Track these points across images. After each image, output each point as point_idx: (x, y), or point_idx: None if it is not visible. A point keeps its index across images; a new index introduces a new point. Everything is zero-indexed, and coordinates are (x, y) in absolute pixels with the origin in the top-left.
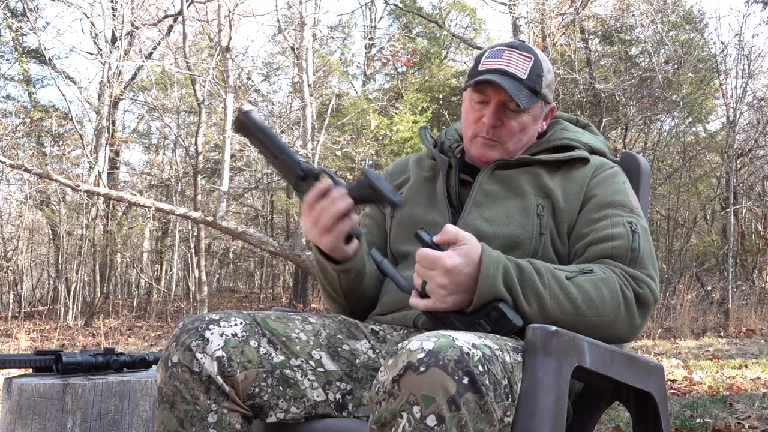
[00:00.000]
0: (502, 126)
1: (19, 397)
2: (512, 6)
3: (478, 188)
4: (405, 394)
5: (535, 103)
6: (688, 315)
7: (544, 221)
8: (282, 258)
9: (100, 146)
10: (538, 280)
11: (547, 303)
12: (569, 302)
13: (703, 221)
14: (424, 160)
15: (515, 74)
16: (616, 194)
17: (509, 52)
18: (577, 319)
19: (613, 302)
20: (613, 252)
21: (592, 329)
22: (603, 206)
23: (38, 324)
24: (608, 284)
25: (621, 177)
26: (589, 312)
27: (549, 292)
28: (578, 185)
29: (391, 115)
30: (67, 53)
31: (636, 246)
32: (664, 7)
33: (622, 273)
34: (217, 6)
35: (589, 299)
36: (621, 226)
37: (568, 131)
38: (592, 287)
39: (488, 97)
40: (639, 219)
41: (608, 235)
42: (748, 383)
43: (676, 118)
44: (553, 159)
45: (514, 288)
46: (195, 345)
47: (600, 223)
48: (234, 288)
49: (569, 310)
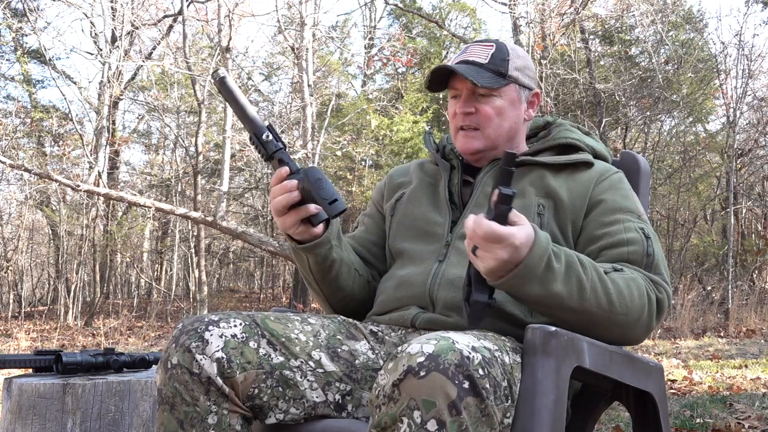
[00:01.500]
0: (476, 113)
1: (19, 397)
2: (512, 6)
3: (480, 189)
4: (405, 398)
5: (503, 85)
6: (688, 315)
7: (545, 220)
8: (282, 258)
9: (100, 146)
10: (582, 272)
11: (587, 293)
12: (605, 296)
13: (703, 221)
14: (428, 165)
15: (475, 61)
16: (625, 200)
17: (472, 46)
18: (607, 315)
19: (641, 303)
20: (630, 257)
21: (617, 327)
22: (614, 210)
23: (38, 324)
24: (638, 285)
25: (626, 183)
26: (620, 309)
27: (590, 283)
28: (583, 186)
29: (391, 115)
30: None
31: (651, 252)
32: (664, 7)
33: (644, 277)
34: (217, 6)
35: (622, 297)
36: (634, 231)
37: (572, 132)
38: (625, 285)
39: (459, 90)
40: (647, 225)
41: (623, 240)
42: (748, 383)
43: (676, 118)
44: (558, 162)
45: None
46: (194, 346)
47: (613, 227)
48: (234, 288)
49: (604, 305)
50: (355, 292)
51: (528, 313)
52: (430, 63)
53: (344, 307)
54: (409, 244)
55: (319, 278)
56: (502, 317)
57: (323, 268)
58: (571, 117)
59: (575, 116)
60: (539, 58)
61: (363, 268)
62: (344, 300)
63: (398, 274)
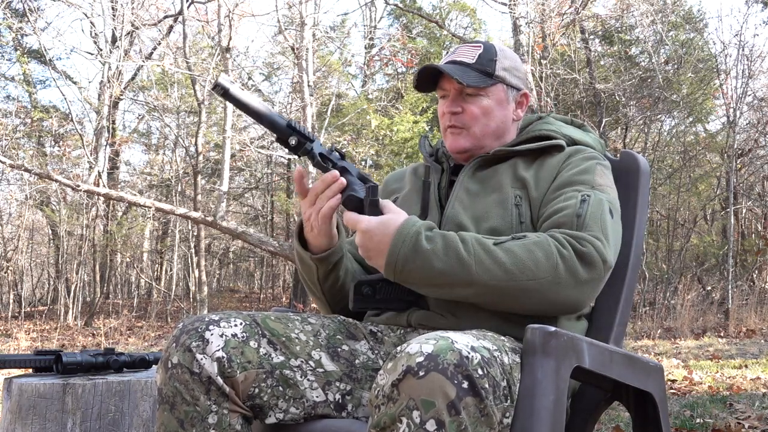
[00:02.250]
0: (464, 112)
1: (19, 397)
2: (512, 6)
3: (460, 185)
4: (404, 398)
5: (490, 84)
6: (688, 315)
7: (523, 210)
8: (282, 258)
9: (100, 146)
10: (462, 247)
11: (472, 268)
12: (497, 266)
13: (703, 221)
14: (421, 169)
15: (462, 61)
16: (580, 174)
17: (461, 47)
18: (510, 284)
19: (549, 263)
20: (558, 221)
21: (532, 294)
22: (561, 186)
23: (38, 324)
24: (541, 246)
25: (593, 161)
26: (522, 276)
27: (474, 258)
28: (550, 172)
29: (391, 115)
30: (67, 54)
31: (581, 212)
32: (664, 7)
33: (562, 234)
34: (217, 6)
35: (520, 262)
36: (572, 198)
37: (550, 124)
38: (523, 250)
39: (447, 90)
40: (598, 193)
41: (557, 209)
42: (748, 383)
43: (676, 118)
44: (527, 148)
45: (427, 250)
46: (195, 346)
47: (553, 201)
48: (234, 288)
49: (499, 275)
50: None
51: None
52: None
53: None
54: None
55: (326, 288)
56: (501, 317)
57: (332, 276)
58: (570, 117)
59: (575, 116)
60: (539, 58)
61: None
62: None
63: None
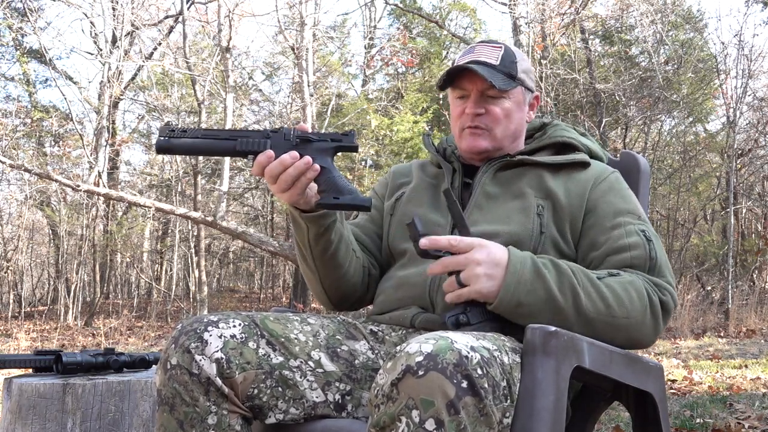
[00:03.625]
0: (486, 113)
1: (19, 397)
2: (512, 6)
3: (479, 189)
4: (404, 398)
5: (513, 87)
6: (688, 315)
7: (545, 221)
8: (282, 258)
9: (100, 146)
10: (573, 276)
11: (582, 299)
12: (602, 301)
13: (703, 221)
14: (428, 166)
15: (487, 62)
16: (624, 202)
17: (480, 46)
18: (608, 320)
19: (641, 305)
20: (633, 262)
21: (621, 331)
22: (615, 214)
23: (38, 324)
24: (636, 287)
25: (623, 183)
26: (620, 312)
27: (583, 288)
28: (581, 186)
29: (391, 115)
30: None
31: (654, 255)
32: (664, 7)
33: (645, 280)
34: (217, 6)
35: (620, 300)
36: (635, 234)
37: (568, 131)
38: (622, 289)
39: (467, 91)
40: (648, 226)
41: (625, 245)
42: (748, 383)
43: (676, 118)
44: (555, 162)
45: (547, 277)
46: (194, 347)
47: (615, 232)
48: (234, 288)
49: (602, 309)
50: (350, 274)
51: None
52: (430, 63)
53: (336, 290)
54: (409, 245)
55: (316, 253)
56: (501, 317)
57: (323, 240)
58: (571, 117)
59: (575, 116)
60: (539, 58)
61: (360, 252)
62: (338, 282)
63: (398, 275)
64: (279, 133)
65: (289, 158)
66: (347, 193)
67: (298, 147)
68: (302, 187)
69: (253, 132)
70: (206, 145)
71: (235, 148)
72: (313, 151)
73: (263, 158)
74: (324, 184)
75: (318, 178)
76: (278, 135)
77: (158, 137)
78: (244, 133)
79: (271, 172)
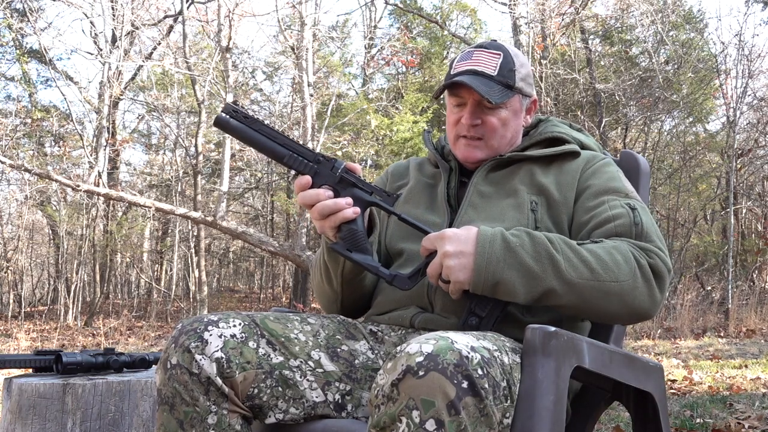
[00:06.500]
0: (482, 124)
1: (19, 397)
2: (512, 6)
3: (473, 189)
4: (404, 398)
5: (511, 97)
6: (688, 315)
7: (539, 216)
8: (282, 258)
9: (100, 146)
10: (549, 244)
11: (561, 265)
12: (584, 265)
13: (703, 221)
14: (426, 165)
15: (485, 72)
16: (611, 181)
17: (478, 52)
18: (594, 284)
19: (629, 267)
20: (617, 230)
21: (613, 297)
22: (599, 193)
23: (38, 324)
24: (620, 251)
25: (613, 166)
26: (606, 276)
27: (562, 255)
28: (571, 176)
29: (391, 115)
30: (68, 54)
31: (638, 221)
32: (664, 7)
33: (631, 244)
34: (217, 6)
35: (604, 263)
36: (619, 207)
37: (558, 126)
38: (605, 252)
39: (464, 99)
40: (636, 201)
41: (609, 217)
42: (748, 383)
43: (676, 118)
44: (544, 154)
45: (518, 249)
46: (194, 346)
47: (598, 209)
48: (234, 288)
49: (585, 274)
50: (369, 291)
51: (527, 312)
52: (430, 63)
53: (353, 304)
54: (407, 245)
55: (347, 279)
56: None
57: (357, 270)
58: (571, 117)
59: (575, 116)
60: (539, 58)
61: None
62: (358, 300)
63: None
64: (328, 163)
65: (324, 194)
66: (362, 252)
67: (338, 184)
68: (333, 223)
69: (306, 151)
70: (260, 141)
71: (283, 159)
72: (350, 194)
73: (302, 181)
74: (345, 231)
75: (343, 224)
76: (326, 165)
77: (221, 111)
78: (298, 148)
79: (303, 199)
